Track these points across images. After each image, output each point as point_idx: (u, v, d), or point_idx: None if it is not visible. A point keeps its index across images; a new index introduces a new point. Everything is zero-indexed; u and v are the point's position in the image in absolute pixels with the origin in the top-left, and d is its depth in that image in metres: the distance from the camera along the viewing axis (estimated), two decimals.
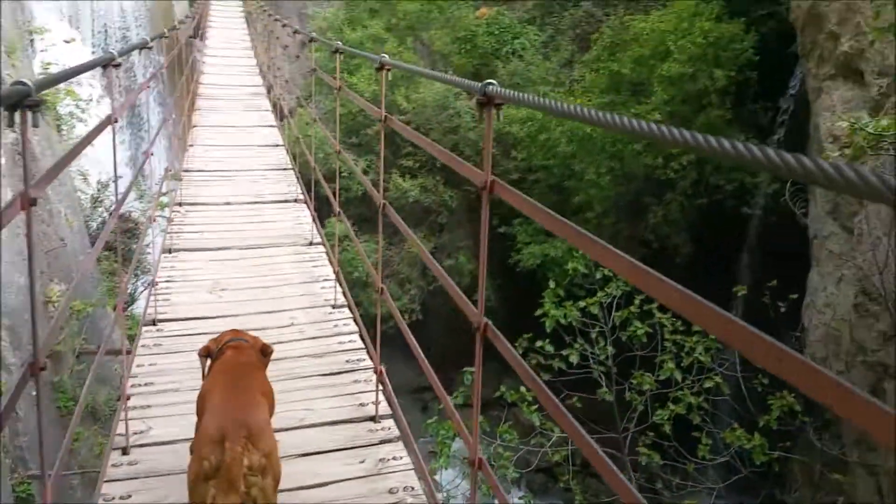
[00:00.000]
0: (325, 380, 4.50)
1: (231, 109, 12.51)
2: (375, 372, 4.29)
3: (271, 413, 3.12)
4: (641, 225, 13.73)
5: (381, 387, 4.20)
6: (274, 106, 12.50)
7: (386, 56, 4.05)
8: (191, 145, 10.10)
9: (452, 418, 3.01)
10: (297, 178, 8.69)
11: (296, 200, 8.06)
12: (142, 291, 10.77)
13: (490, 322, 2.44)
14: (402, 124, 3.90)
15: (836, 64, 8.24)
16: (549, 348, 8.91)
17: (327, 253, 6.51)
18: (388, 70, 4.04)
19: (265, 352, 3.47)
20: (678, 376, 8.70)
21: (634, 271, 1.52)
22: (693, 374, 8.54)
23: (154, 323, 5.20)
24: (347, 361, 4.70)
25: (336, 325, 5.22)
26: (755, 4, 13.79)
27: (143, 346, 4.89)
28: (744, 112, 13.37)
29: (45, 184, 2.33)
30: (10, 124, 1.93)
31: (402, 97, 17.03)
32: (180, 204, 7.80)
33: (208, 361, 3.36)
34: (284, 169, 9.24)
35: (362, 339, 4.98)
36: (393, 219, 3.97)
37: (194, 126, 11.09)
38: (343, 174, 13.06)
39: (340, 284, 5.66)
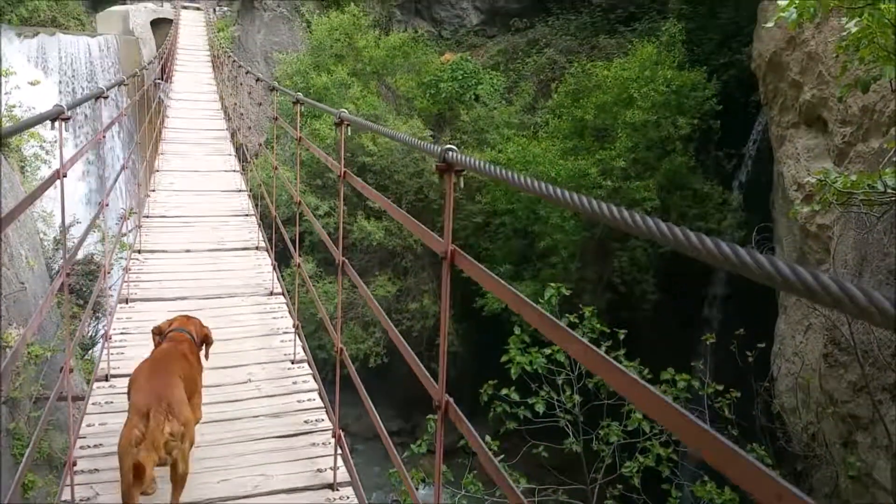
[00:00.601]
0: (282, 442, 4.27)
1: (195, 154, 12.32)
2: (334, 436, 4.09)
3: (197, 397, 3.89)
4: (608, 269, 13.73)
5: (339, 451, 3.99)
6: (237, 150, 12.33)
7: (345, 111, 3.93)
8: (152, 190, 9.87)
9: (404, 480, 3.02)
10: (259, 224, 8.51)
11: (257, 248, 7.85)
12: (101, 335, 10.48)
13: (452, 401, 2.30)
14: (361, 182, 3.77)
15: (799, 112, 8.33)
16: (515, 396, 8.73)
17: (287, 304, 6.32)
18: (348, 125, 3.93)
19: (207, 341, 4.33)
20: (646, 427, 8.56)
21: (591, 357, 1.48)
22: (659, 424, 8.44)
23: (107, 378, 4.96)
24: (306, 422, 4.48)
25: (295, 382, 5.00)
26: (716, 53, 14.07)
27: (94, 403, 4.65)
28: (708, 158, 13.54)
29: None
30: None
31: (369, 139, 17.01)
32: (139, 251, 7.54)
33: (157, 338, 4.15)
34: (246, 215, 9.06)
35: (321, 397, 4.78)
36: (352, 277, 3.81)
37: (157, 171, 10.86)
38: (306, 218, 12.89)
39: (300, 338, 5.46)
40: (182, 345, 4.05)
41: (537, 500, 8.95)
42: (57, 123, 3.43)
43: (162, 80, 18.69)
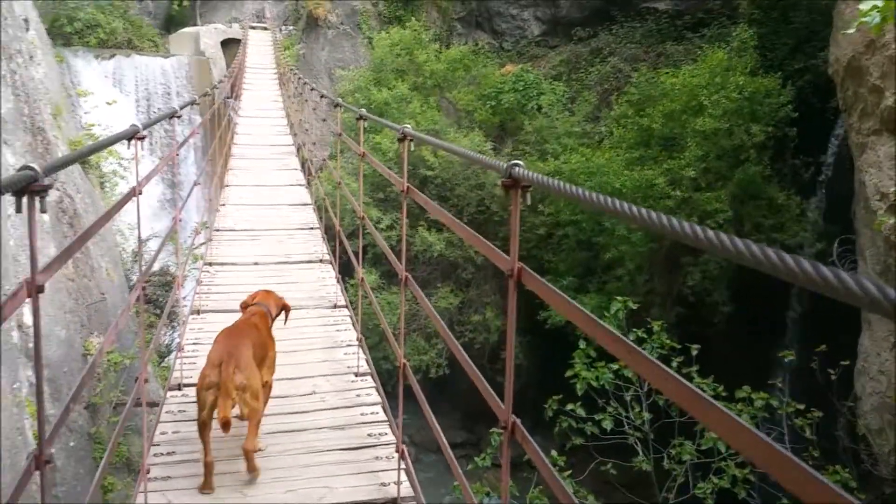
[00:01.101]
0: (346, 455, 4.25)
1: (262, 169, 12.55)
2: (397, 451, 4.04)
3: (268, 361, 4.41)
4: (677, 281, 13.34)
5: (403, 465, 3.94)
6: (303, 165, 12.49)
7: (408, 127, 3.92)
8: (222, 205, 10.07)
9: (466, 494, 2.98)
10: (323, 237, 8.57)
11: (321, 260, 7.89)
12: (175, 344, 10.79)
13: (519, 422, 2.20)
14: (425, 197, 3.76)
15: (880, 118, 7.94)
16: (581, 412, 8.50)
17: (351, 317, 6.32)
18: (411, 140, 3.91)
19: (286, 310, 4.98)
20: (721, 447, 8.24)
21: (659, 375, 1.45)
22: None
23: (179, 388, 5.08)
24: (369, 435, 4.44)
25: (358, 395, 4.96)
26: (790, 58, 13.62)
27: (167, 411, 4.77)
28: (784, 167, 13.06)
29: (53, 270, 2.26)
30: (18, 210, 1.91)
31: (429, 152, 17.03)
32: (210, 264, 7.70)
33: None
34: (311, 228, 9.15)
35: (385, 410, 4.73)
36: (415, 292, 3.78)
37: (227, 185, 11.09)
38: (369, 231, 12.97)
39: (364, 351, 5.44)
40: (255, 317, 4.60)
41: None
42: (133, 142, 3.56)
43: (231, 98, 19.11)
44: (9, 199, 1.87)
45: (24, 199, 1.91)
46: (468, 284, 17.12)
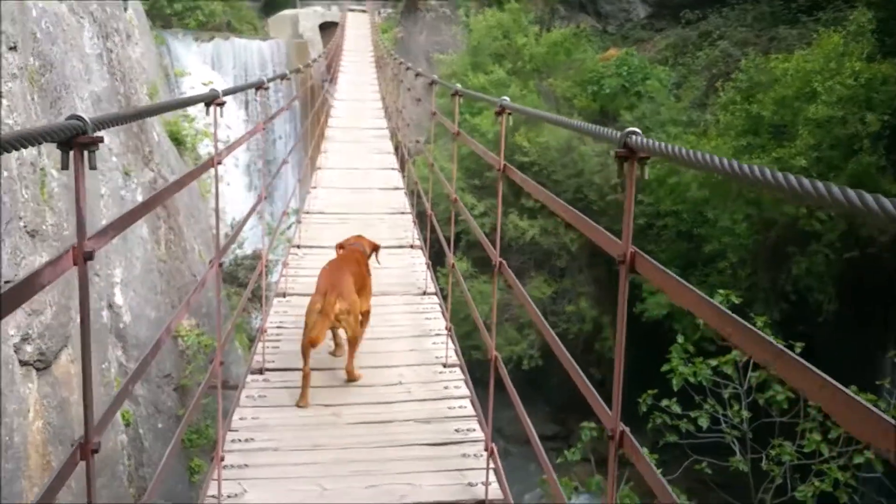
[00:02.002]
0: (432, 450, 4.08)
1: (355, 152, 12.58)
2: (486, 449, 3.85)
3: (366, 290, 5.04)
4: (781, 276, 12.72)
5: (492, 465, 3.72)
6: (396, 148, 12.48)
7: (507, 99, 3.68)
8: (313, 187, 10.09)
9: (555, 491, 2.84)
10: (415, 222, 8.45)
11: (411, 246, 7.78)
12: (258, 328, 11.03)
13: (628, 431, 1.98)
14: (523, 176, 3.47)
15: None
16: (676, 408, 8.23)
17: (440, 305, 6.15)
18: (509, 114, 3.67)
19: (376, 250, 5.57)
20: (824, 449, 7.82)
21: (785, 361, 1.31)
22: (839, 446, 7.65)
23: (261, 371, 4.93)
24: (457, 431, 4.26)
25: (446, 387, 4.80)
26: None
27: (247, 396, 4.61)
28: None
29: (107, 236, 2.06)
30: (65, 167, 1.70)
31: (523, 137, 16.77)
32: (298, 246, 7.67)
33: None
34: (402, 213, 9.06)
35: (473, 405, 4.54)
36: (509, 278, 3.59)
37: (319, 168, 11.12)
38: (462, 218, 12.94)
39: (453, 341, 5.28)
40: (355, 253, 5.23)
41: None
42: (212, 108, 3.44)
43: (328, 80, 19.34)
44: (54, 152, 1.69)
45: (71, 154, 1.71)
46: (562, 274, 16.82)
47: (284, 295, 6.33)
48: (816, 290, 12.16)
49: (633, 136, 1.84)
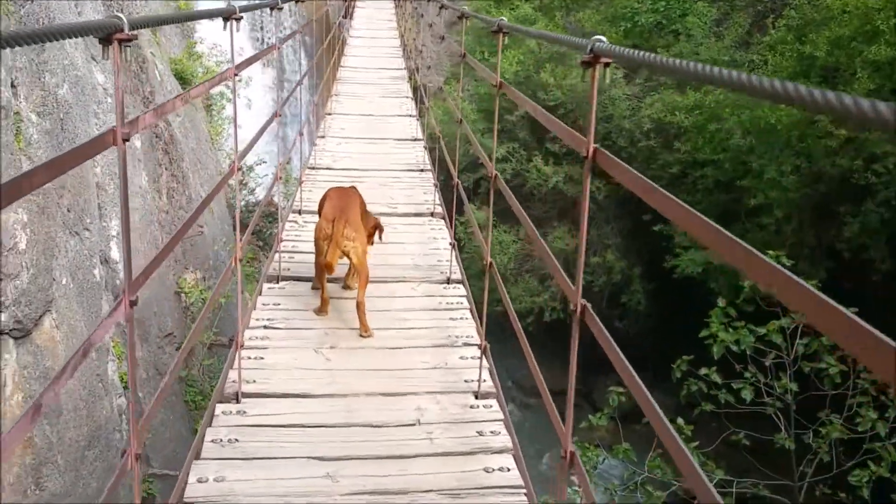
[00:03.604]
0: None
1: (370, 96, 11.48)
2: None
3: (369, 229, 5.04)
4: (830, 233, 11.86)
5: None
6: (415, 91, 11.50)
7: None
8: (321, 136, 9.07)
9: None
10: (435, 184, 7.36)
11: (432, 214, 6.77)
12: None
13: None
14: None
15: None
16: (716, 378, 7.51)
17: (468, 296, 5.17)
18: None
19: (378, 226, 5.29)
20: (882, 430, 7.14)
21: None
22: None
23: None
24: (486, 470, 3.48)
25: (480, 432, 3.76)
26: None
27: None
28: None
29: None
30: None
31: (549, 74, 15.85)
32: (299, 212, 6.63)
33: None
34: (421, 170, 8.02)
35: (507, 430, 3.74)
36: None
37: (328, 114, 10.14)
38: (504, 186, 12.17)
39: (487, 359, 4.18)
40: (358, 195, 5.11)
41: (735, 491, 7.92)
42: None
43: (344, 18, 18.41)
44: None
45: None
46: (588, 224, 16.04)
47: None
48: (869, 248, 11.30)
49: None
